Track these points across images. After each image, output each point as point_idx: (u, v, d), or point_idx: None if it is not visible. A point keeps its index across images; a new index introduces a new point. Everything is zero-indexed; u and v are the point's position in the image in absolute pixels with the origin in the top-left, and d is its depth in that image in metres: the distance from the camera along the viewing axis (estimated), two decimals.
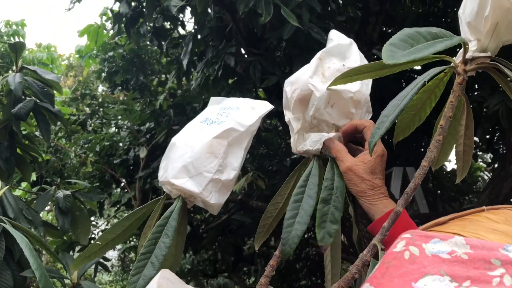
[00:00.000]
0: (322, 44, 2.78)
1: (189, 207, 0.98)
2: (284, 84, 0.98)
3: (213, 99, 1.11)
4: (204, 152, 0.93)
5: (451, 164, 7.20)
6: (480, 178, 6.24)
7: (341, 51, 0.97)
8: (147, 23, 3.60)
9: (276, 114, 3.20)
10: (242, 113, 0.99)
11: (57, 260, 1.38)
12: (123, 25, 3.65)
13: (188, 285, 0.79)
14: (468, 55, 0.74)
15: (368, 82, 0.97)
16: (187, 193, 0.94)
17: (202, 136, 0.96)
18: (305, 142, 0.95)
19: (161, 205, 1.00)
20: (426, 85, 0.82)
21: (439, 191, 5.82)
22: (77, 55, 6.90)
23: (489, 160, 5.67)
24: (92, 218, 4.62)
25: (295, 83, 0.95)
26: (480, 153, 5.44)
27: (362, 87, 0.94)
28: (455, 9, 4.42)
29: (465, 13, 0.76)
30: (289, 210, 0.86)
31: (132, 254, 6.80)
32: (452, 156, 1.05)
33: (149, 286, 0.77)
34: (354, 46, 0.99)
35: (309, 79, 0.93)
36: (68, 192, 2.91)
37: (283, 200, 0.98)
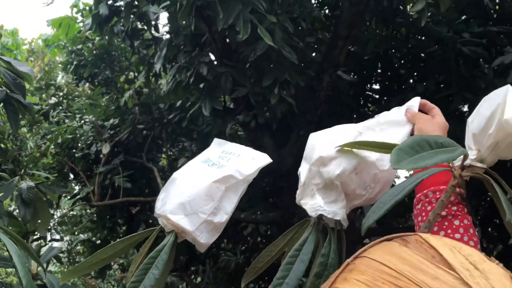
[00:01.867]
0: (290, 62, 2.94)
1: (179, 241, 1.01)
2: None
3: (216, 141, 1.15)
4: (202, 194, 0.99)
5: (399, 180, 7.53)
6: None
7: (379, 127, 1.04)
8: (122, 24, 3.65)
9: (242, 124, 3.34)
10: (242, 161, 1.05)
11: (37, 262, 1.44)
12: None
13: None
14: (466, 162, 0.82)
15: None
16: (180, 229, 0.99)
17: (203, 177, 1.01)
18: (308, 202, 0.97)
19: (154, 235, 1.03)
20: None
21: None
22: (40, 41, 6.81)
23: None
24: None
25: (330, 144, 0.97)
26: None
27: (390, 168, 0.97)
28: (417, 36, 4.64)
29: (473, 124, 0.83)
30: (280, 270, 0.91)
31: (79, 247, 6.76)
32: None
33: None
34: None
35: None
36: (31, 184, 2.94)
37: (276, 250, 1.05)
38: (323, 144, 0.99)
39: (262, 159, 1.06)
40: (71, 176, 4.93)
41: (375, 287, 0.57)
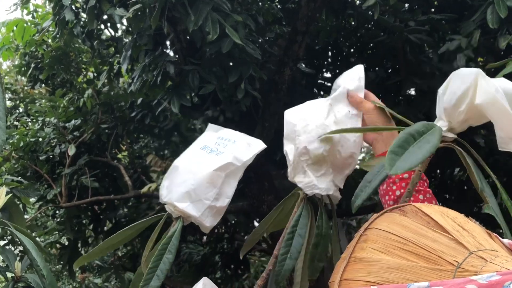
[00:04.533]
0: (253, 58, 3.09)
1: (185, 224, 1.10)
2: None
3: (210, 126, 1.23)
4: (205, 182, 1.07)
5: None
6: None
7: (345, 98, 1.10)
8: (81, 26, 3.68)
9: (210, 119, 3.47)
10: (239, 148, 1.12)
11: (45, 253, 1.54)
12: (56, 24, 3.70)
13: None
14: None
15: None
16: (187, 215, 1.08)
17: (204, 165, 1.09)
18: (302, 180, 1.05)
19: (163, 221, 1.12)
20: None
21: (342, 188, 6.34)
22: None
23: None
24: None
25: (308, 121, 1.06)
26: None
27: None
28: (366, 25, 4.85)
29: (444, 98, 0.86)
30: (282, 247, 1.02)
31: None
32: None
33: None
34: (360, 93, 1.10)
35: (324, 120, 1.04)
36: (7, 189, 2.96)
37: (269, 223, 1.17)
38: (302, 122, 1.06)
39: (257, 145, 1.14)
40: (35, 180, 4.90)
41: (388, 253, 0.66)
